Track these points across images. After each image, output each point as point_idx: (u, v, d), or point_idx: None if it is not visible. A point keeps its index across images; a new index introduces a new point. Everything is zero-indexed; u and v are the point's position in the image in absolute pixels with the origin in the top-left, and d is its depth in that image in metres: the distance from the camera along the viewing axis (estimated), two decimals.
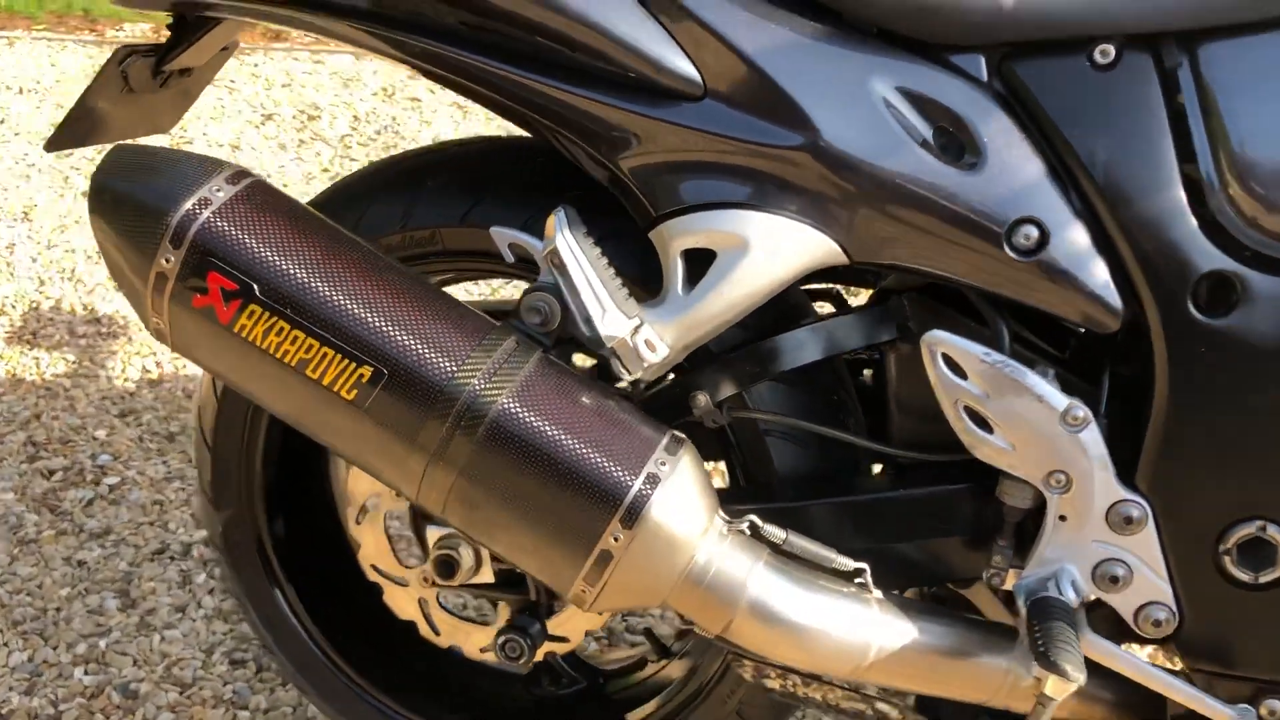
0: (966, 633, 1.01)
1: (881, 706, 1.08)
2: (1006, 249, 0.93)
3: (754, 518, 0.98)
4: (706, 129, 0.94)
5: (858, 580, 0.99)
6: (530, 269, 1.01)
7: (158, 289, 0.94)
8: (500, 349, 0.94)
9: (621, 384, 1.02)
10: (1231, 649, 0.98)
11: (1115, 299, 0.93)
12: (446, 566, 1.15)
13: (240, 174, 0.97)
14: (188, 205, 0.93)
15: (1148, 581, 0.98)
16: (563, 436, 0.92)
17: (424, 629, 1.30)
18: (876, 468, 1.17)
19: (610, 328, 0.95)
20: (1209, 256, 0.91)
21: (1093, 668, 0.99)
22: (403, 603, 1.28)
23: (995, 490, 1.01)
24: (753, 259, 0.95)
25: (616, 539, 0.91)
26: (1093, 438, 0.95)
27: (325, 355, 0.92)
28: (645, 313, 0.97)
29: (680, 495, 0.93)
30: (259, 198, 0.96)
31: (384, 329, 0.92)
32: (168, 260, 0.93)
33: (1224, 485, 0.95)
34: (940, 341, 0.96)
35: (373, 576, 1.28)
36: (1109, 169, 0.92)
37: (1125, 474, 0.96)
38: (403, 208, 1.13)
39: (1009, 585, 1.03)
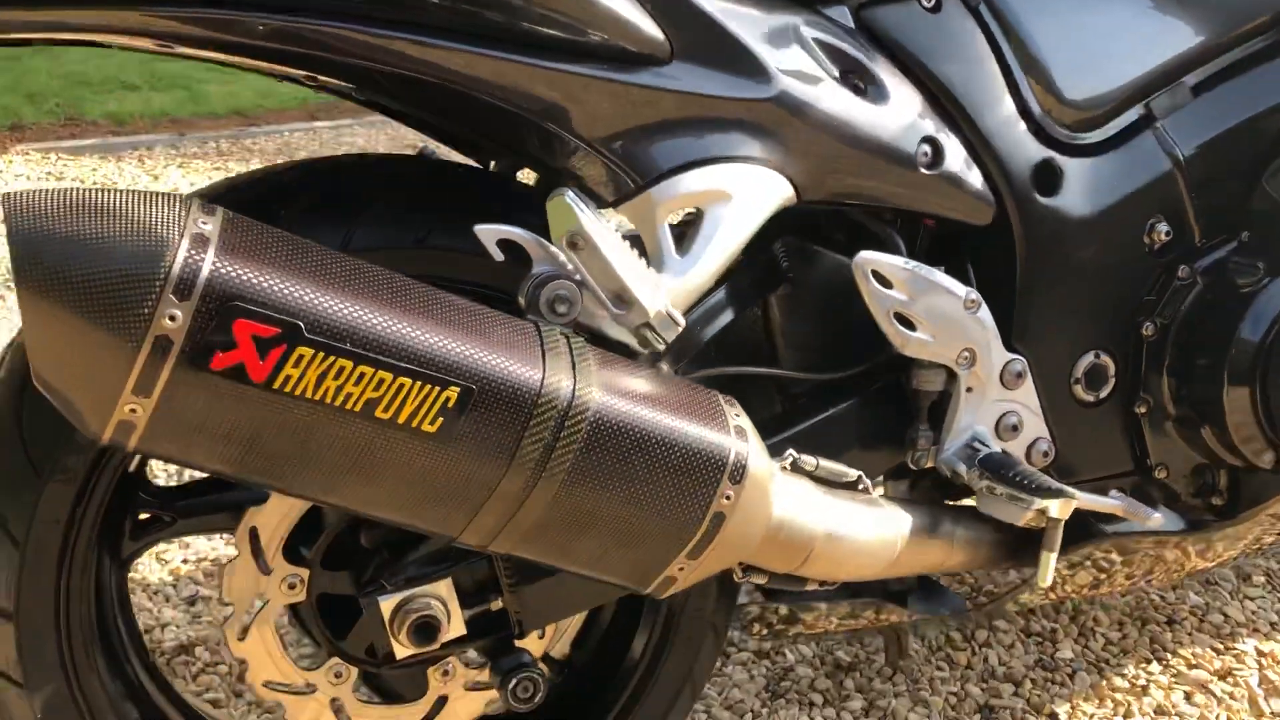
0: (939, 512, 1.15)
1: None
2: (920, 167, 1.08)
3: (793, 451, 1.02)
4: (681, 89, 0.96)
5: (860, 487, 1.08)
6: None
7: (154, 360, 0.72)
8: (560, 344, 0.87)
9: None
10: (1088, 458, 1.24)
11: (989, 195, 1.13)
12: (425, 632, 1.02)
13: (203, 202, 0.78)
14: (185, 247, 0.73)
15: (1034, 422, 1.19)
16: (657, 415, 0.88)
17: None
18: None
19: (650, 300, 0.93)
20: (1038, 150, 1.14)
21: (976, 513, 1.19)
22: (312, 716, 1.09)
23: (911, 383, 1.16)
24: (735, 209, 0.99)
25: (728, 498, 0.90)
26: (985, 315, 1.14)
27: (401, 387, 0.79)
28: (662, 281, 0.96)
29: (757, 441, 0.95)
30: (244, 224, 0.78)
31: (459, 341, 0.81)
32: (172, 319, 0.72)
33: (1071, 329, 1.19)
34: (870, 260, 1.09)
35: (267, 696, 1.07)
36: (960, 91, 1.11)
37: (1006, 340, 1.17)
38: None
39: (930, 463, 1.18)
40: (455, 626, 1.05)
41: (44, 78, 5.43)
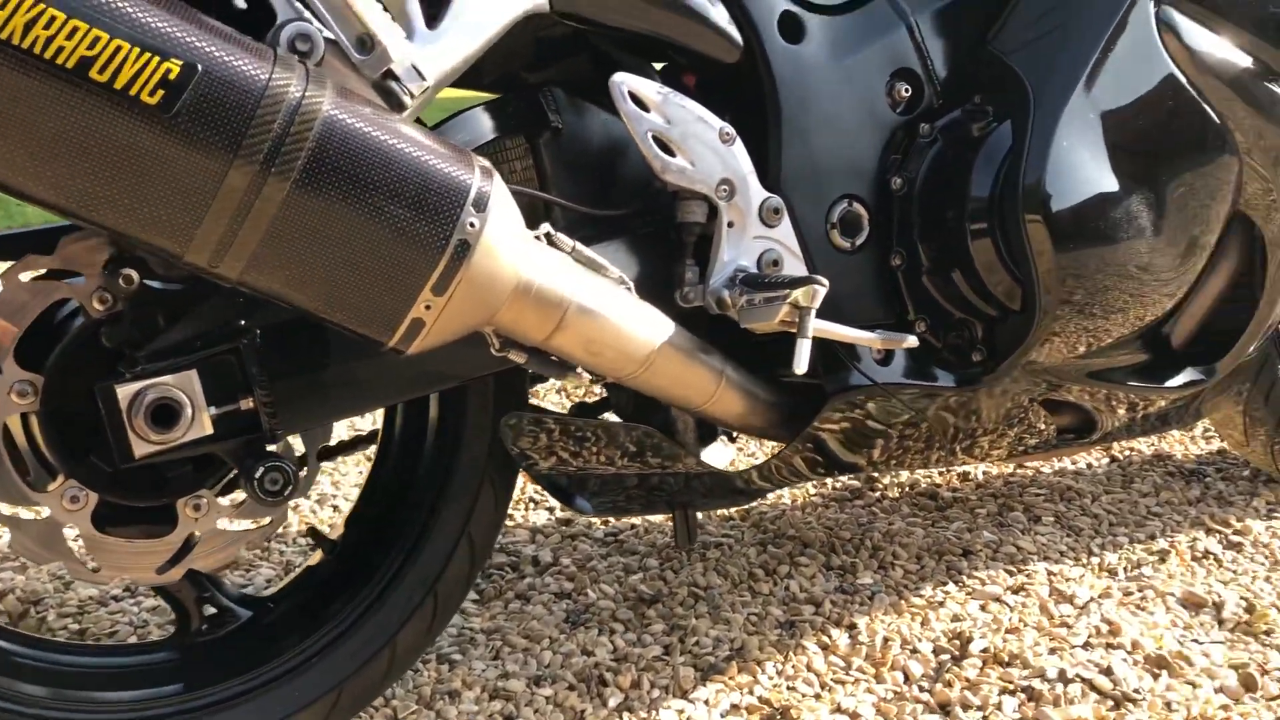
0: (711, 346, 1.17)
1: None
2: None
3: (547, 225, 1.03)
4: None
5: (624, 287, 1.09)
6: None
7: None
8: (294, 60, 0.88)
9: None
10: (850, 306, 1.28)
11: (735, 34, 1.20)
12: (165, 416, 0.97)
13: None
14: None
15: (794, 264, 1.24)
16: (397, 135, 0.89)
17: (77, 570, 1.04)
18: None
19: (396, 46, 0.94)
20: (780, 2, 1.23)
21: (751, 366, 1.22)
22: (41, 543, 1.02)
23: (675, 217, 1.19)
24: None
25: (473, 225, 0.90)
26: (741, 150, 1.19)
27: (119, 50, 0.78)
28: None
29: (506, 192, 0.96)
30: None
31: (186, 22, 0.81)
32: None
33: (823, 175, 1.26)
34: (626, 80, 1.13)
35: None
36: None
37: (763, 179, 1.22)
38: None
39: (698, 301, 1.21)
40: (202, 423, 1.00)
41: None
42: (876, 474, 1.99)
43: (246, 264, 0.86)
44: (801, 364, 1.10)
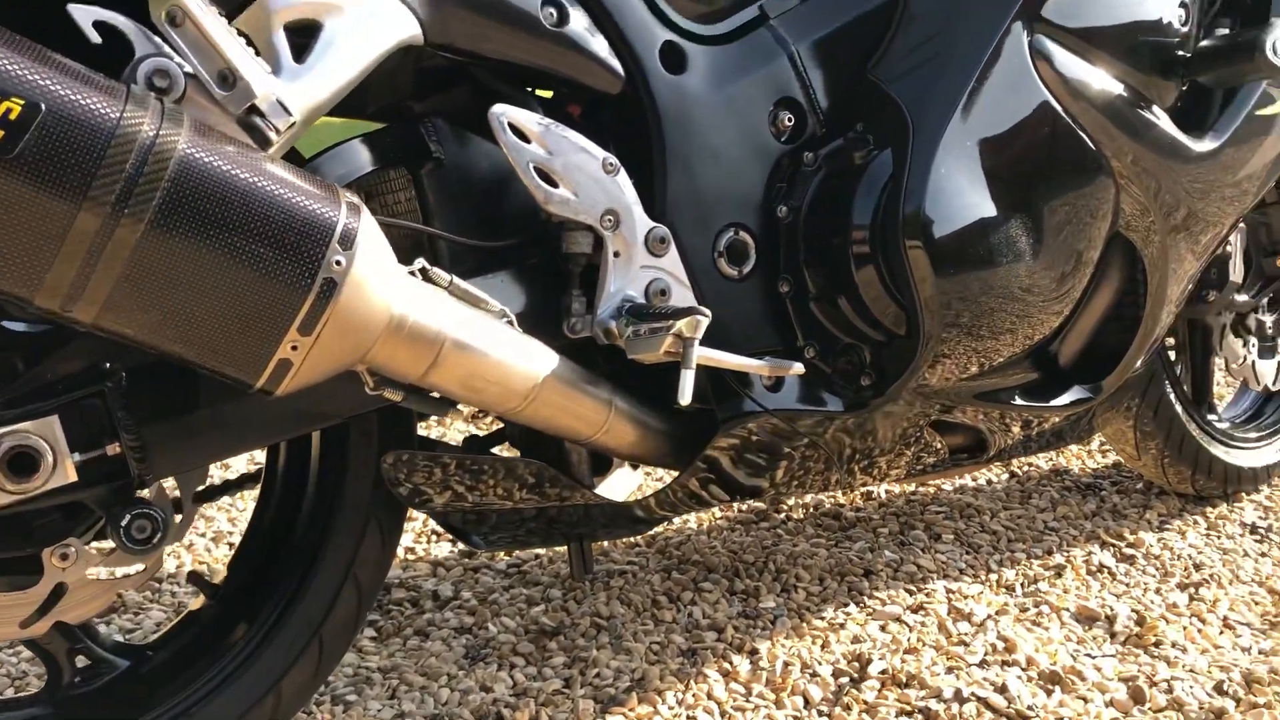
0: (599, 376, 1.17)
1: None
2: (542, 23, 1.14)
3: (423, 260, 1.02)
4: None
5: (505, 320, 1.08)
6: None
7: None
8: (149, 98, 0.85)
9: None
10: (739, 333, 1.28)
11: (617, 65, 1.19)
12: (23, 464, 0.93)
13: None
14: None
15: (682, 292, 1.23)
16: (255, 176, 0.87)
17: None
18: None
19: (258, 81, 0.92)
20: (662, 32, 1.23)
21: (640, 393, 1.22)
22: None
23: (561, 248, 1.19)
24: (354, 25, 1.01)
25: (339, 263, 0.89)
26: (625, 180, 1.19)
27: None
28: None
29: (375, 227, 0.94)
30: None
31: (29, 61, 0.78)
32: None
33: (708, 204, 1.26)
34: (506, 112, 1.12)
35: None
36: None
37: (649, 209, 1.22)
38: None
39: (586, 331, 1.20)
40: (65, 471, 0.96)
41: None
42: (779, 497, 2.00)
43: (101, 308, 0.83)
44: (685, 395, 1.10)
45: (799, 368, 1.25)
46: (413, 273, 1.01)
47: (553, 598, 1.69)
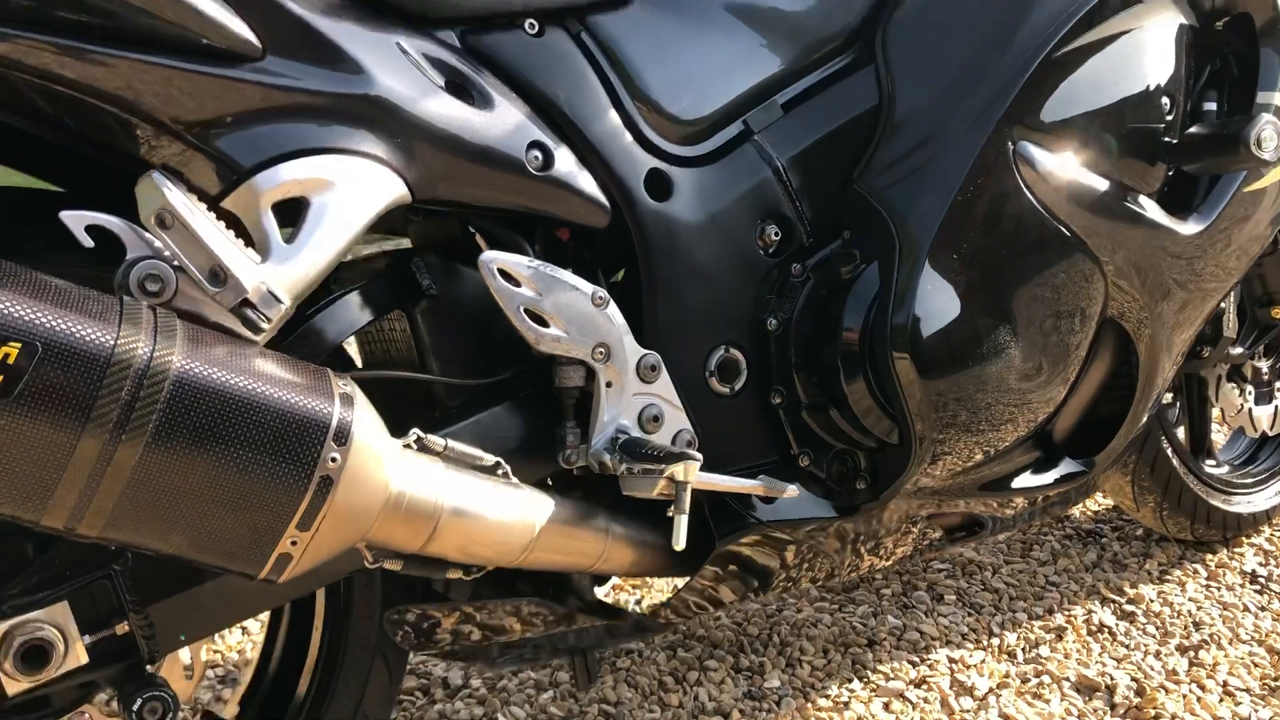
0: (594, 507, 1.18)
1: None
2: (528, 169, 1.15)
3: (418, 430, 1.03)
4: (275, 83, 0.99)
5: (500, 472, 1.10)
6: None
7: None
8: (142, 312, 0.87)
9: None
10: (733, 448, 1.30)
11: (603, 199, 1.21)
12: (36, 657, 0.95)
13: None
14: None
15: (675, 414, 1.25)
16: (249, 381, 0.88)
17: None
18: None
19: (248, 275, 0.94)
20: (646, 160, 1.24)
21: (637, 513, 1.24)
22: None
23: (554, 382, 1.20)
24: (341, 198, 1.02)
25: (334, 460, 0.90)
26: (615, 312, 1.20)
27: None
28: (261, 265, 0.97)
29: (370, 412, 0.96)
30: None
31: (19, 300, 0.80)
32: None
33: (699, 325, 1.27)
34: (494, 259, 1.14)
35: None
36: (565, 105, 1.20)
37: (639, 336, 1.23)
38: None
39: (581, 461, 1.22)
40: (76, 654, 0.99)
41: None
42: (788, 589, 2.03)
43: (105, 524, 0.85)
44: (680, 541, 1.12)
45: (793, 490, 1.27)
46: (408, 444, 1.03)
47: (561, 681, 1.72)
